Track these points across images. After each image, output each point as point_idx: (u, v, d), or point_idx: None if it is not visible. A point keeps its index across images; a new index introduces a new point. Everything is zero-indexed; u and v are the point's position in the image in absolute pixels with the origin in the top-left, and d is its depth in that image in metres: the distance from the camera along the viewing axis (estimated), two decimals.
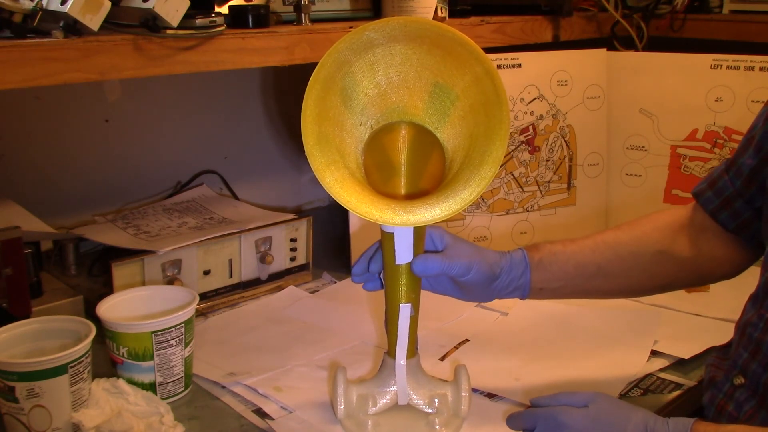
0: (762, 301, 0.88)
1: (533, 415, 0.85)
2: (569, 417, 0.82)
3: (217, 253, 1.26)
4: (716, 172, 1.01)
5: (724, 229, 1.00)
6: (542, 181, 1.53)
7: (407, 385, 0.93)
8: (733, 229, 0.99)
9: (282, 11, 1.25)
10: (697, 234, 1.01)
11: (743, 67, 1.44)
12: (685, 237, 1.01)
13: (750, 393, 0.87)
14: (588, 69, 1.54)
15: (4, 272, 1.06)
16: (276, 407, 0.98)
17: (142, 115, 1.50)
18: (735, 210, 0.98)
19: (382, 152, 0.88)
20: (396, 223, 0.81)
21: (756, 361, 0.87)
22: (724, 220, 0.99)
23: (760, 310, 0.88)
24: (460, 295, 0.97)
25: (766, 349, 0.86)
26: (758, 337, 0.87)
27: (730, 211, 0.99)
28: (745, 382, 0.88)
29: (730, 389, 0.90)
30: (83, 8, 0.95)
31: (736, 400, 0.89)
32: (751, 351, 0.88)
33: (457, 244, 0.93)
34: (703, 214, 1.01)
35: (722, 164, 1.01)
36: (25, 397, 0.86)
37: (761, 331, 0.87)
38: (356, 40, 0.83)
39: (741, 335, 0.91)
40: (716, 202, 0.99)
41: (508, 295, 0.98)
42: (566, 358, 1.11)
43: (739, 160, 0.97)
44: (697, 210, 1.02)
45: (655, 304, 1.25)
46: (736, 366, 0.90)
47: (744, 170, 0.96)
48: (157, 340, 0.97)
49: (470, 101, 0.84)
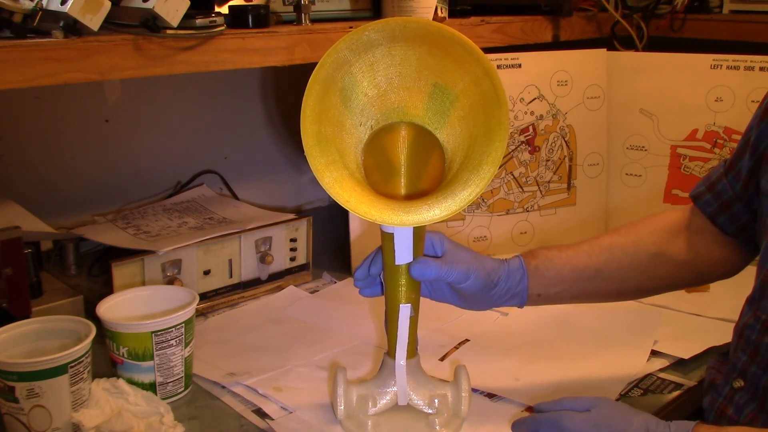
0: (758, 303, 0.88)
1: (536, 420, 0.85)
2: (571, 421, 0.82)
3: (217, 253, 1.26)
4: (714, 175, 1.01)
5: (722, 232, 1.00)
6: (542, 181, 1.53)
7: (407, 386, 0.93)
8: (731, 232, 0.99)
9: (282, 11, 1.25)
10: (694, 236, 1.01)
11: (743, 67, 1.44)
12: (682, 239, 1.01)
13: (750, 396, 0.87)
14: (588, 69, 1.54)
15: (4, 272, 1.06)
16: (276, 407, 0.98)
17: (142, 115, 1.50)
18: (734, 213, 0.98)
19: (382, 152, 0.88)
20: (395, 223, 0.81)
21: (755, 363, 0.87)
22: (723, 223, 0.99)
23: (756, 312, 0.88)
24: (459, 303, 0.96)
25: (764, 351, 0.86)
26: (756, 340, 0.87)
27: (729, 215, 0.99)
28: (745, 385, 0.88)
29: (729, 392, 0.90)
30: (83, 8, 0.95)
31: (735, 403, 0.89)
32: (749, 354, 0.88)
33: (456, 250, 0.93)
34: (702, 217, 1.01)
35: (720, 167, 1.01)
36: (25, 397, 0.86)
37: (759, 333, 0.87)
38: (356, 40, 0.83)
39: (739, 338, 0.90)
40: (715, 205, 0.99)
41: (506, 303, 0.97)
42: (566, 359, 1.11)
43: (738, 164, 0.97)
44: (695, 213, 1.02)
45: (655, 304, 1.25)
46: (735, 369, 0.90)
47: (742, 173, 0.96)
48: (157, 340, 0.97)
49: (470, 102, 0.84)
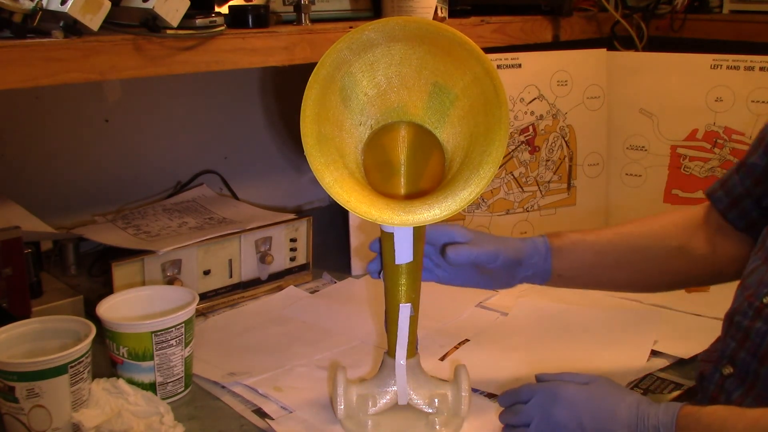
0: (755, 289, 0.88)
1: (533, 388, 0.88)
2: (566, 391, 0.84)
3: (217, 253, 1.26)
4: (728, 172, 1.03)
5: (734, 228, 1.01)
6: (542, 181, 1.53)
7: (407, 385, 0.93)
8: (742, 227, 1.01)
9: (282, 11, 1.25)
10: (712, 232, 1.03)
11: (743, 67, 1.44)
12: (701, 234, 1.03)
13: (738, 382, 0.88)
14: (588, 69, 1.54)
15: (4, 272, 1.06)
16: (276, 407, 0.98)
17: (142, 115, 1.50)
18: (743, 209, 1.00)
19: (382, 152, 0.88)
20: (395, 223, 0.81)
21: (744, 349, 0.88)
22: (733, 218, 1.01)
23: (749, 297, 0.88)
24: (484, 284, 0.99)
25: (754, 336, 0.86)
26: (747, 325, 0.87)
27: (739, 210, 1.00)
28: (734, 371, 0.88)
29: (719, 380, 0.90)
30: (83, 8, 0.95)
31: (725, 390, 0.89)
32: (738, 340, 0.89)
33: (480, 235, 0.97)
34: (716, 213, 1.03)
35: (735, 165, 1.03)
36: (25, 397, 0.86)
37: (750, 318, 0.87)
38: (355, 40, 0.83)
39: (729, 325, 0.91)
40: (726, 201, 1.01)
41: (530, 280, 1.01)
42: (566, 358, 1.11)
43: (749, 161, 0.99)
44: (711, 209, 1.04)
45: (655, 304, 1.25)
46: (724, 356, 0.91)
47: (754, 170, 0.98)
48: (157, 340, 0.97)
49: (470, 101, 0.84)
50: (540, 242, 1.00)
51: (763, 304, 0.86)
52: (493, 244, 0.96)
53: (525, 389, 0.88)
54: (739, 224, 1.01)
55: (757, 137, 0.99)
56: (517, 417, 0.87)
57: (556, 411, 0.83)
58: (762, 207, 0.98)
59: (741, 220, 1.00)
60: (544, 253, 0.99)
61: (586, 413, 0.82)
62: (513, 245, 0.98)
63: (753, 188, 0.98)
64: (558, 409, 0.83)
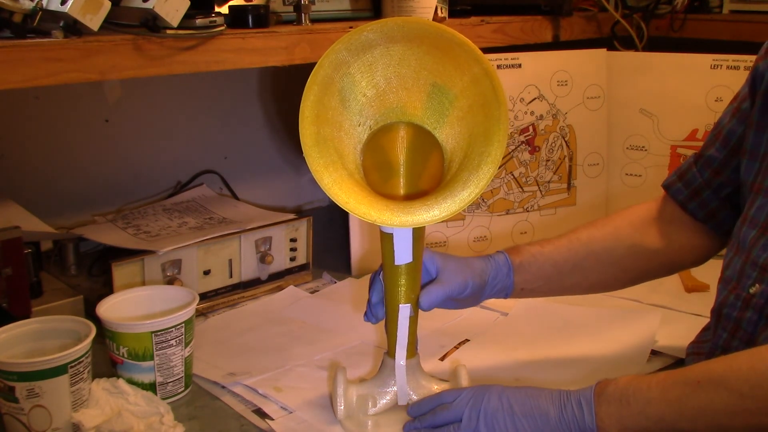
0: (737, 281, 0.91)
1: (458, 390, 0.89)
2: (495, 386, 0.87)
3: (217, 253, 1.26)
4: (685, 165, 1.06)
5: (693, 219, 1.04)
6: (542, 181, 1.53)
7: (407, 385, 0.93)
8: (701, 218, 1.03)
9: (282, 11, 1.25)
10: (666, 225, 1.05)
11: (743, 67, 1.44)
12: (655, 229, 1.05)
13: None
14: (588, 69, 1.54)
15: (4, 272, 1.06)
16: (276, 407, 0.98)
17: (142, 115, 1.50)
18: (703, 200, 1.03)
19: (381, 153, 0.88)
20: (394, 224, 0.81)
21: (736, 338, 0.90)
22: (693, 209, 1.03)
23: (736, 289, 0.90)
24: (451, 306, 1.00)
25: (745, 326, 0.89)
26: (737, 316, 0.90)
27: (698, 201, 1.03)
28: None
29: None
30: (83, 8, 0.95)
31: None
32: (730, 330, 0.91)
33: (447, 264, 0.97)
34: (673, 205, 1.05)
35: (690, 158, 1.06)
36: (25, 397, 0.86)
37: (739, 309, 0.90)
38: (354, 40, 0.83)
39: (718, 318, 0.94)
40: (685, 192, 1.04)
41: (494, 295, 1.02)
42: (566, 359, 1.11)
43: (707, 153, 1.02)
44: (668, 201, 1.07)
45: (655, 304, 1.25)
46: (716, 347, 0.93)
47: (712, 162, 1.00)
48: (157, 340, 0.97)
49: (469, 101, 0.85)
50: (501, 260, 1.01)
51: (749, 295, 0.88)
52: (461, 274, 0.96)
53: (447, 393, 0.90)
54: (698, 215, 1.03)
55: (712, 131, 1.03)
56: (447, 413, 0.87)
57: (486, 399, 0.85)
58: (721, 197, 1.01)
59: (701, 211, 1.03)
60: (507, 270, 1.01)
61: (516, 400, 0.85)
62: (478, 269, 0.98)
63: (712, 179, 1.01)
64: (488, 396, 0.85)
